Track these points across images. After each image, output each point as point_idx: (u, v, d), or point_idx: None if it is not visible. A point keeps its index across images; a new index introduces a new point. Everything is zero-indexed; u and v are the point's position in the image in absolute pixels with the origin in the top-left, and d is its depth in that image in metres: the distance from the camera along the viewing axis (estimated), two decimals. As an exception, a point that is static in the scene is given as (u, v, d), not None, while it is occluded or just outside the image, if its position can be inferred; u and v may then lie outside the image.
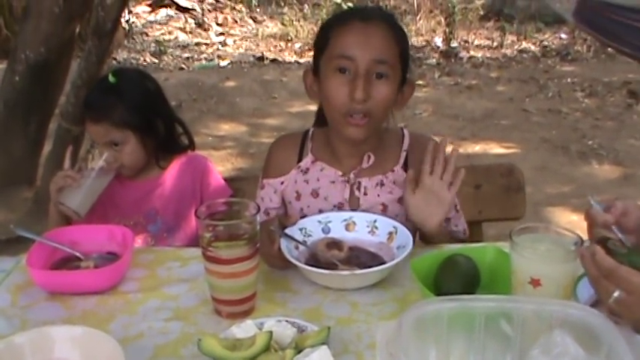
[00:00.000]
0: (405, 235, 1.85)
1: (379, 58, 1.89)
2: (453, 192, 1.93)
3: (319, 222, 1.95)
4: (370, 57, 1.88)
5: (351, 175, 2.05)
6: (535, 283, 1.44)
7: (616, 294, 1.34)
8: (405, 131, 2.14)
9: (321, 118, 2.14)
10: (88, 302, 1.73)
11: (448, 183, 1.92)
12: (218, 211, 1.65)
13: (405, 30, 2.05)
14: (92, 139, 2.29)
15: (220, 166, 5.57)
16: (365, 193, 2.05)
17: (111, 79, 2.26)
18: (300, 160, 2.12)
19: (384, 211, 2.04)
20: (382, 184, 2.06)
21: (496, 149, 6.11)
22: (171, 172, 2.39)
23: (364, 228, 1.94)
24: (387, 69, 1.91)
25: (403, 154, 2.09)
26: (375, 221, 1.94)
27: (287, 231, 1.85)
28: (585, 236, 1.56)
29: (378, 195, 2.05)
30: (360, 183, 2.06)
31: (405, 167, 2.07)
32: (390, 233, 1.90)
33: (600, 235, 1.51)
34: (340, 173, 2.06)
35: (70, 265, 1.87)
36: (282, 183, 2.13)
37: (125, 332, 1.60)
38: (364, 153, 2.04)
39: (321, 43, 1.98)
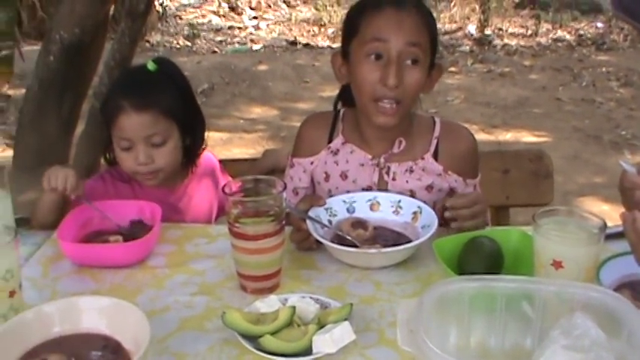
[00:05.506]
0: (429, 215, 1.85)
1: (412, 40, 1.88)
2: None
3: (344, 202, 1.96)
4: (404, 39, 1.87)
5: (381, 159, 2.05)
6: (557, 265, 1.44)
7: None
8: (437, 119, 2.12)
9: (345, 100, 2.15)
10: (116, 276, 1.77)
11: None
12: (245, 187, 1.67)
13: (435, 16, 2.04)
14: (126, 136, 2.03)
15: (251, 148, 5.62)
16: (394, 179, 2.05)
17: (151, 66, 2.09)
18: (330, 140, 2.12)
19: (412, 197, 2.04)
20: (411, 171, 2.05)
21: (527, 137, 6.06)
22: (194, 178, 2.25)
23: (388, 208, 1.95)
24: (419, 52, 1.90)
25: (434, 142, 2.07)
26: (399, 201, 1.95)
27: (312, 211, 1.87)
28: (612, 223, 1.56)
29: (407, 181, 2.05)
30: (389, 168, 2.05)
31: (436, 156, 2.06)
32: (415, 213, 1.91)
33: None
34: (370, 157, 2.06)
35: (100, 239, 1.90)
36: (311, 163, 2.13)
37: (152, 305, 1.63)
38: (394, 137, 2.04)
39: (352, 27, 1.97)
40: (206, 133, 2.23)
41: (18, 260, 1.52)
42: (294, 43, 9.34)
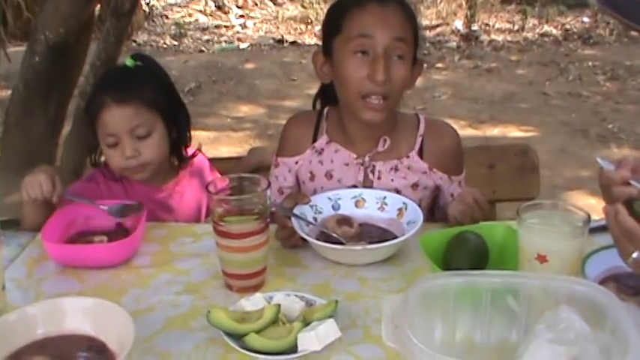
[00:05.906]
0: (414, 211, 1.86)
1: (398, 35, 1.89)
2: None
3: (329, 199, 1.96)
4: (390, 35, 1.88)
5: (366, 158, 2.04)
6: (541, 259, 1.44)
7: (635, 255, 1.34)
8: (421, 117, 2.12)
9: (325, 99, 2.15)
10: (101, 276, 1.76)
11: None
12: (229, 186, 1.67)
13: (422, 11, 2.04)
14: (111, 132, 2.02)
15: (239, 147, 5.61)
16: (379, 177, 2.04)
17: (130, 62, 2.11)
18: (315, 139, 2.11)
19: None
20: (396, 169, 2.05)
21: (515, 132, 6.07)
22: (185, 176, 2.24)
23: (374, 204, 1.95)
24: (405, 48, 1.90)
25: (419, 140, 2.07)
26: (384, 198, 1.95)
27: (297, 208, 1.87)
28: (599, 217, 1.56)
29: (392, 180, 2.04)
30: (374, 166, 2.05)
31: (421, 153, 2.06)
32: (400, 209, 1.91)
33: (620, 193, 1.47)
34: (354, 156, 2.05)
35: (84, 239, 1.90)
36: (296, 162, 2.12)
37: (137, 305, 1.62)
38: (378, 136, 2.04)
39: (334, 24, 1.96)
40: (193, 132, 2.23)
41: (1, 261, 1.52)
42: (281, 41, 9.32)
